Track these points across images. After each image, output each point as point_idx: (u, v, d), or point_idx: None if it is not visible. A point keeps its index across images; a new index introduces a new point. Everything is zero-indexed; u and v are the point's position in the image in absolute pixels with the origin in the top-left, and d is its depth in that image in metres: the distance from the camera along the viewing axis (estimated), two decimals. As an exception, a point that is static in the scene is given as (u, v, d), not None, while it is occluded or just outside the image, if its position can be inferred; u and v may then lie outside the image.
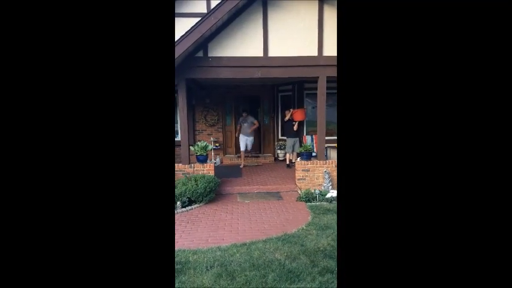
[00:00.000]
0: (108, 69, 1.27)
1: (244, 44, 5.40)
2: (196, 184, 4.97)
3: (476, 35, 1.18)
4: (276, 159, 8.49)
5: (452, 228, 1.18)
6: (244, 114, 7.46)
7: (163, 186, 1.33)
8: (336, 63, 4.12)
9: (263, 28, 5.38)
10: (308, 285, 2.62)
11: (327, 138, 5.89)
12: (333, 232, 3.74)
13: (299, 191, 5.55)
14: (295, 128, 7.14)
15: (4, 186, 1.17)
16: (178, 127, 5.97)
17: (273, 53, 5.45)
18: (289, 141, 7.32)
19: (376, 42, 1.26)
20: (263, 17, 5.35)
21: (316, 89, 5.78)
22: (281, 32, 5.42)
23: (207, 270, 2.89)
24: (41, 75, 1.21)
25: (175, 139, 7.82)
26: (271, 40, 5.42)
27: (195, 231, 3.96)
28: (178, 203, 4.83)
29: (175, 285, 2.64)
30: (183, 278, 2.75)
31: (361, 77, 1.29)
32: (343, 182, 1.34)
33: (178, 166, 5.57)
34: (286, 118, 7.19)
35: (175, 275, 2.80)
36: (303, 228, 3.93)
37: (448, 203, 1.19)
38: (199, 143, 5.75)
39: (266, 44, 5.42)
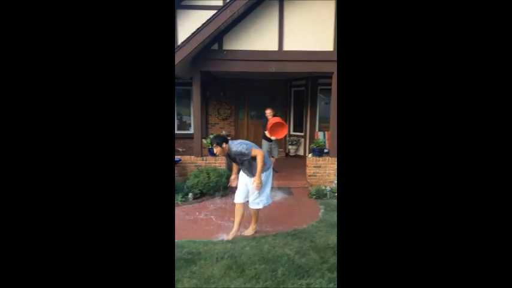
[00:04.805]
0: (106, 66, 1.27)
1: (259, 38, 5.37)
2: (208, 177, 5.02)
3: (479, 35, 1.14)
4: (287, 154, 8.47)
5: (450, 228, 1.17)
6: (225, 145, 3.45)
7: (163, 180, 1.32)
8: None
9: (278, 22, 5.34)
10: (317, 281, 2.62)
11: (340, 134, 5.81)
12: (343, 229, 3.72)
13: (310, 188, 5.53)
14: (267, 134, 5.78)
15: (4, 185, 1.18)
16: (192, 120, 6.00)
17: (287, 47, 5.41)
18: (266, 145, 5.97)
19: (376, 40, 1.25)
20: (279, 10, 5.31)
21: (330, 84, 5.71)
22: (296, 26, 5.37)
23: (217, 261, 2.92)
24: (44, 75, 1.22)
25: (189, 132, 7.90)
26: (286, 34, 5.38)
27: (206, 223, 4.00)
28: (190, 194, 4.90)
29: (186, 275, 2.69)
30: (194, 268, 2.80)
31: (361, 74, 1.28)
32: (343, 179, 1.34)
33: (190, 158, 5.65)
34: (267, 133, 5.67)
35: (186, 265, 2.85)
36: (313, 225, 3.92)
37: (446, 202, 1.18)
38: (211, 136, 5.79)
39: (281, 37, 5.38)
